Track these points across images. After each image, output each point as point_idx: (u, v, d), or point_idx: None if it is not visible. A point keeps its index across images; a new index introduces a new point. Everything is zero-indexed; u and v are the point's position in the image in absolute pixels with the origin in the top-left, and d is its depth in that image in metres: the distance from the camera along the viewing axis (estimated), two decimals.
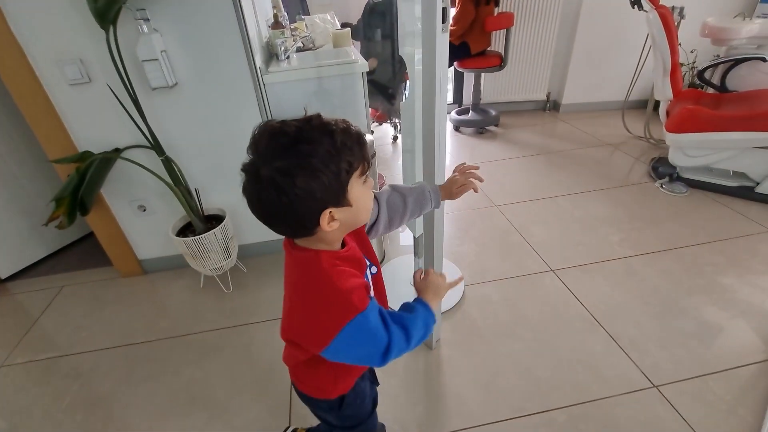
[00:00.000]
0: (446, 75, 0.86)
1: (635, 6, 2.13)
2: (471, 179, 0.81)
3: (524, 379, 1.25)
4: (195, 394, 1.31)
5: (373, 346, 0.58)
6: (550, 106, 3.58)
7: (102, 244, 1.79)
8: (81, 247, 2.18)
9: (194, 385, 1.34)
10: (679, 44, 2.24)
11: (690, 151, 2.09)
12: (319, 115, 0.54)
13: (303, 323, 0.63)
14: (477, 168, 0.83)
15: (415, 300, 0.69)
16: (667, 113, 2.22)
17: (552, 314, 1.47)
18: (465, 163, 0.84)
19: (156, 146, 1.43)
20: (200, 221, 1.59)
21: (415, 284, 0.73)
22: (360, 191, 0.57)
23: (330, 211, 0.55)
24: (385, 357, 0.59)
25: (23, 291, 1.91)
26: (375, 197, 0.75)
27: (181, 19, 1.36)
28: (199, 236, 1.52)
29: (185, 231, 1.63)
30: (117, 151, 1.50)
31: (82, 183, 1.36)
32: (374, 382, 0.90)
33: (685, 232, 1.85)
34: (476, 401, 1.20)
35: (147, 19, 1.29)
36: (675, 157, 2.16)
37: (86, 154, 1.43)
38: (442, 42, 0.79)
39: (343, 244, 0.65)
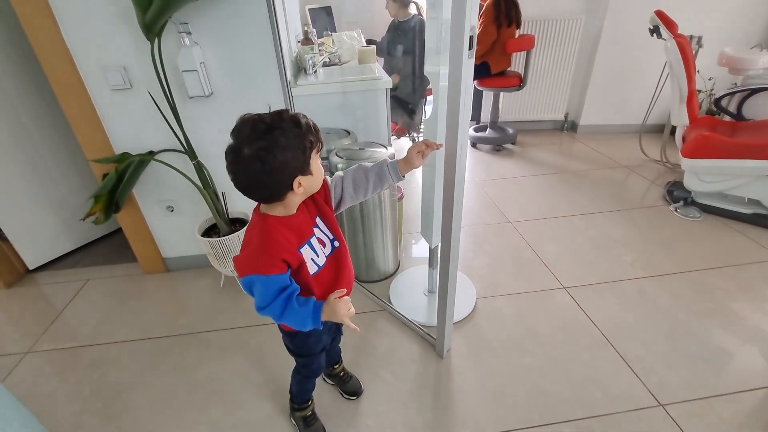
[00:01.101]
0: (470, 96, 0.92)
1: (654, 34, 2.18)
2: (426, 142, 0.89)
3: (532, 392, 1.28)
4: (211, 389, 1.36)
5: (257, 299, 0.77)
6: (568, 126, 3.62)
7: (129, 240, 1.87)
8: (107, 242, 2.27)
9: (211, 381, 1.39)
10: (697, 71, 2.28)
11: (705, 176, 2.11)
12: (287, 110, 0.74)
13: (239, 254, 0.80)
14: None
15: (316, 302, 0.80)
16: (683, 139, 2.25)
17: (562, 330, 1.50)
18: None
19: (189, 151, 1.51)
20: (225, 223, 1.66)
21: (328, 300, 0.80)
22: (317, 164, 0.78)
23: (299, 179, 0.74)
24: (259, 311, 0.77)
25: (50, 282, 2.00)
26: (337, 176, 0.93)
27: (220, 34, 1.45)
28: (223, 237, 1.59)
29: (210, 232, 1.70)
30: (151, 154, 1.59)
31: (120, 182, 1.45)
32: (337, 332, 1.14)
33: (697, 256, 1.86)
34: (484, 411, 1.23)
35: (189, 33, 1.38)
36: (690, 182, 2.18)
37: (125, 156, 1.52)
38: (467, 67, 0.85)
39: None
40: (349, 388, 1.30)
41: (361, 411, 1.25)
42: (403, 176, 0.91)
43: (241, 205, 1.79)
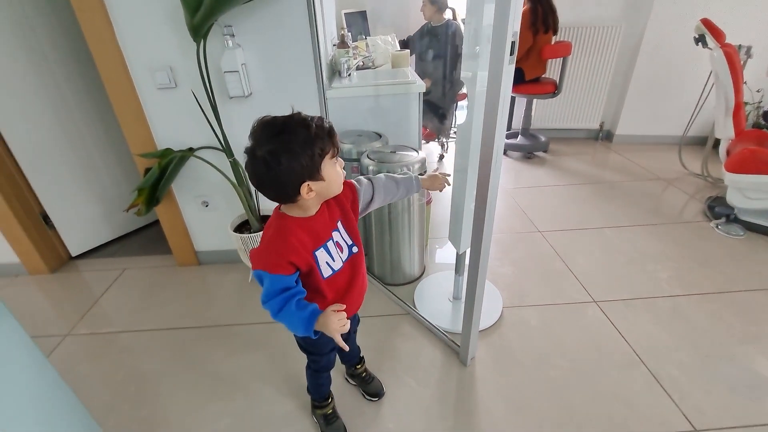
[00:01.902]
0: (508, 102, 0.91)
1: (699, 43, 2.10)
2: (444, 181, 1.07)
3: (558, 406, 1.24)
4: (236, 381, 1.39)
5: (262, 292, 0.79)
6: (603, 135, 3.52)
7: (166, 233, 1.94)
8: (143, 234, 2.37)
9: (236, 374, 1.42)
10: (745, 83, 2.17)
11: (750, 193, 2.01)
12: (299, 113, 0.73)
13: (256, 247, 0.82)
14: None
15: (314, 311, 0.80)
16: (728, 152, 2.15)
17: (592, 346, 1.45)
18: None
19: (226, 149, 1.56)
20: (256, 220, 1.70)
21: (326, 311, 0.80)
22: (331, 169, 0.76)
23: (308, 184, 0.74)
24: (263, 305, 0.79)
25: (90, 269, 2.10)
26: (370, 180, 0.97)
27: (261, 37, 1.50)
28: (255, 233, 1.63)
29: (241, 228, 1.75)
30: (191, 150, 1.65)
31: (162, 177, 1.51)
32: (351, 331, 1.15)
33: (739, 276, 1.77)
34: (507, 421, 1.21)
35: (233, 35, 1.43)
36: (733, 198, 2.08)
37: (167, 151, 1.59)
38: (507, 73, 0.85)
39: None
40: (371, 389, 1.30)
41: (383, 413, 1.26)
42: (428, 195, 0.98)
43: (273, 203, 1.83)
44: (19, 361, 0.72)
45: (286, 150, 0.69)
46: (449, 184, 0.97)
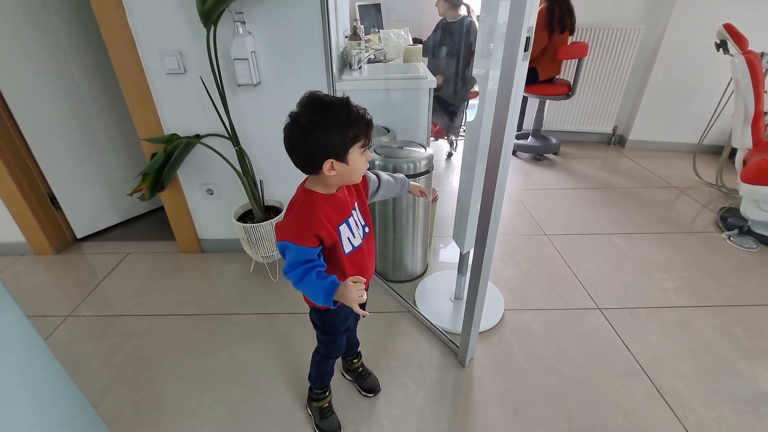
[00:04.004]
0: (519, 101, 0.89)
1: (720, 49, 2.04)
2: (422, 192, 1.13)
3: (556, 413, 1.22)
4: (233, 370, 1.39)
5: (285, 263, 0.82)
6: (616, 140, 3.46)
7: (170, 219, 1.94)
8: (148, 219, 2.38)
9: (233, 363, 1.42)
10: (766, 92, 2.11)
11: (765, 205, 1.95)
12: (348, 99, 0.78)
13: (281, 221, 0.85)
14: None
15: (334, 282, 0.81)
16: (744, 162, 2.10)
17: (594, 353, 1.43)
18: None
19: (233, 137, 1.55)
20: (260, 210, 1.69)
21: (346, 281, 0.82)
22: (357, 157, 0.80)
23: (332, 162, 0.77)
24: (285, 275, 0.82)
25: (94, 252, 2.11)
26: (377, 174, 1.02)
27: (272, 25, 1.48)
28: (258, 224, 1.62)
29: (245, 218, 1.74)
30: (197, 137, 1.64)
31: (167, 162, 1.50)
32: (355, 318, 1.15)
33: (749, 290, 1.72)
34: (503, 425, 1.19)
35: (243, 22, 1.42)
36: (747, 210, 2.03)
37: (174, 137, 1.58)
38: (521, 69, 0.82)
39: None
40: (367, 385, 1.29)
41: (377, 410, 1.24)
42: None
43: (277, 194, 1.82)
44: (13, 340, 0.72)
45: (324, 124, 0.74)
46: (425, 198, 1.01)
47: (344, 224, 0.87)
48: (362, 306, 0.82)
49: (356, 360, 1.30)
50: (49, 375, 0.80)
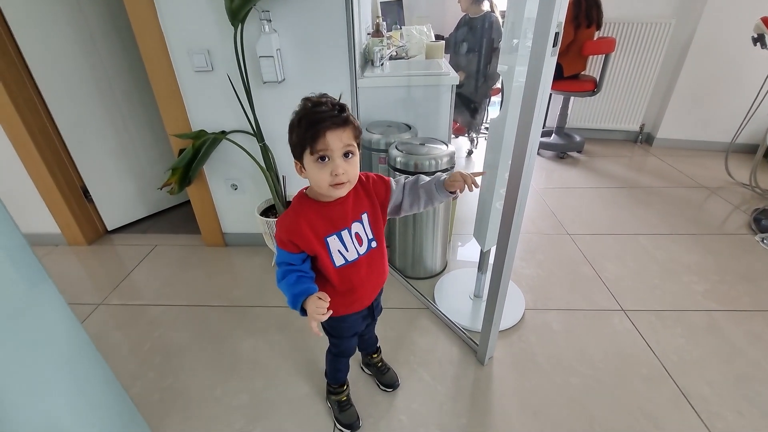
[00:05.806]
0: (546, 98, 0.88)
1: (758, 43, 1.96)
2: (465, 180, 0.84)
3: (577, 415, 1.21)
4: (256, 361, 1.42)
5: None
6: (643, 138, 3.37)
7: (196, 213, 2.00)
8: (174, 213, 2.45)
9: (255, 354, 1.45)
10: None
11: None
12: (326, 102, 0.74)
13: None
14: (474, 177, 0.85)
15: (304, 291, 0.80)
16: None
17: (617, 356, 1.40)
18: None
19: (258, 133, 1.58)
20: (283, 205, 1.72)
21: (312, 295, 0.80)
22: (311, 167, 0.76)
23: (298, 164, 0.78)
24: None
25: (124, 244, 2.19)
26: (404, 184, 0.90)
27: (297, 22, 1.50)
28: None
29: (268, 212, 1.78)
30: (223, 133, 1.68)
31: (195, 158, 1.55)
32: (372, 319, 1.09)
33: None
34: (522, 424, 1.18)
35: (269, 20, 1.44)
36: None
37: (201, 133, 1.62)
38: (549, 65, 0.81)
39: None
40: (386, 380, 1.30)
41: (396, 405, 1.26)
42: (452, 192, 0.86)
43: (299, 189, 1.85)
44: (55, 323, 0.76)
45: (290, 124, 0.76)
46: (471, 189, 0.83)
47: (334, 236, 0.83)
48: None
49: (376, 355, 1.31)
50: (86, 358, 0.84)
